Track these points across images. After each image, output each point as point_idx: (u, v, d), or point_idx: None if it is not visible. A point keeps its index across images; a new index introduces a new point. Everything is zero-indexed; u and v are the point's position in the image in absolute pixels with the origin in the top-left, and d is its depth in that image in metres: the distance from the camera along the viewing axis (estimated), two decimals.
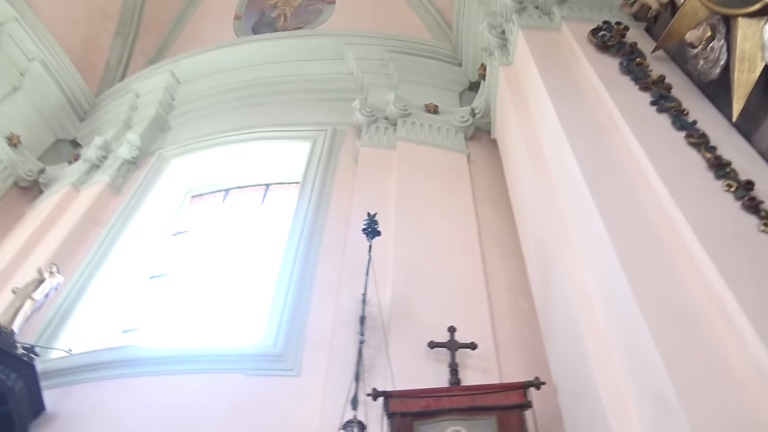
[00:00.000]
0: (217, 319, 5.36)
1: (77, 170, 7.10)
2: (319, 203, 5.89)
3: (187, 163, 7.22)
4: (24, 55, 7.74)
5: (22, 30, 7.69)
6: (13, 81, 7.67)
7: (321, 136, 6.83)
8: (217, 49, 8.02)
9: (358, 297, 4.40)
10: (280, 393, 4.17)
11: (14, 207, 7.02)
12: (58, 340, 5.00)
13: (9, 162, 7.15)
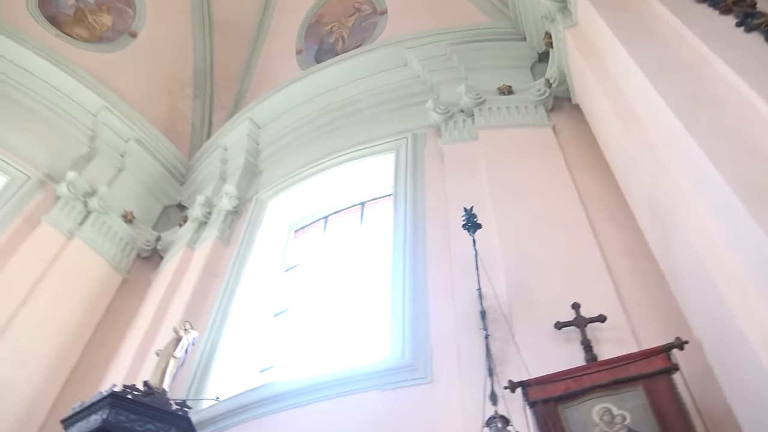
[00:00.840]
0: (343, 342, 5.50)
1: (188, 230, 7.54)
2: (415, 209, 5.92)
3: (284, 200, 7.49)
4: (120, 138, 8.37)
5: (113, 116, 8.35)
6: (116, 163, 8.31)
7: (403, 144, 6.88)
8: (286, 87, 8.29)
9: (474, 293, 4.37)
10: (417, 402, 4.21)
11: (141, 277, 7.56)
12: (205, 391, 5.30)
13: (129, 238, 7.72)
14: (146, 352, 5.77)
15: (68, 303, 6.61)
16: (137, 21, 9.48)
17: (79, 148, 8.14)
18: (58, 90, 8.18)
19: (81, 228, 7.26)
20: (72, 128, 8.20)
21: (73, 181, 7.45)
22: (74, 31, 9.02)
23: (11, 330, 5.97)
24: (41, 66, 8.10)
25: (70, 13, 9.05)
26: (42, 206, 7.24)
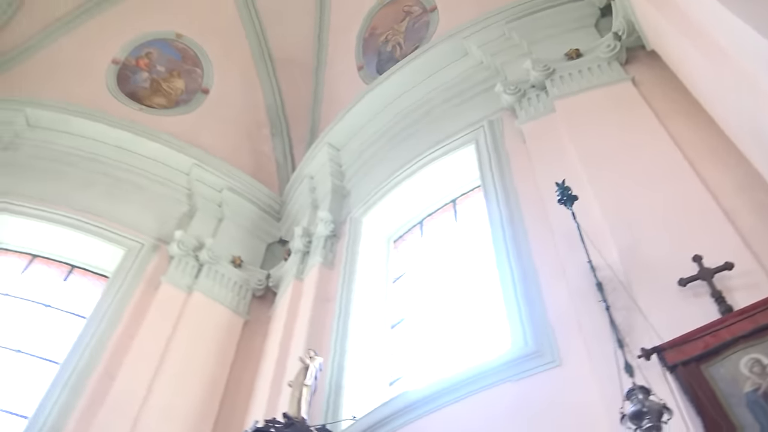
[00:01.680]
0: (464, 341, 5.48)
1: (293, 263, 7.79)
2: (507, 195, 5.83)
3: (377, 214, 7.59)
4: (214, 190, 8.82)
5: (204, 171, 8.84)
6: (216, 214, 8.75)
7: (480, 133, 6.81)
8: (356, 105, 8.41)
9: (585, 267, 4.23)
10: (551, 387, 4.12)
11: (261, 315, 7.89)
12: (341, 412, 5.44)
13: (242, 281, 8.08)
14: (279, 385, 6.00)
15: (200, 354, 6.99)
16: (206, 78, 9.98)
17: (180, 207, 8.66)
18: (151, 158, 8.77)
19: (197, 281, 7.68)
20: (170, 190, 8.74)
21: (181, 239, 7.92)
22: (154, 101, 9.63)
23: (155, 391, 6.38)
24: (131, 140, 8.72)
25: (146, 85, 9.68)
26: (159, 268, 7.74)
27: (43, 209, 7.85)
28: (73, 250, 7.97)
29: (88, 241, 7.96)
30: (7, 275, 7.58)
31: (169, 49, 10.02)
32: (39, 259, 7.89)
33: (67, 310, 7.42)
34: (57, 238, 7.90)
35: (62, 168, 8.39)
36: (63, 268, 7.92)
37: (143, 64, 9.84)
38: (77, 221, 7.94)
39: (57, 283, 7.73)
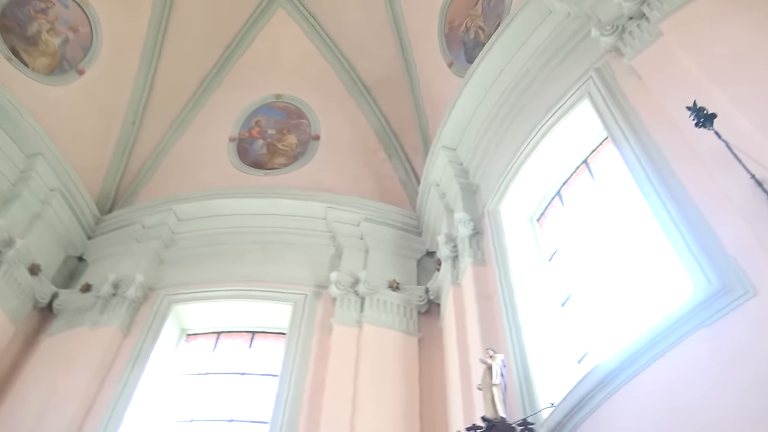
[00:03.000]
0: (641, 300, 5.20)
1: (446, 271, 7.73)
2: (639, 137, 5.51)
3: (511, 199, 7.45)
4: (352, 225, 9.08)
5: (338, 211, 9.16)
6: (361, 247, 8.96)
7: (590, 85, 6.48)
8: (457, 100, 8.26)
9: (749, 183, 3.87)
10: (751, 320, 3.77)
11: (432, 329, 7.90)
12: (538, 402, 5.34)
13: (404, 302, 8.13)
14: (470, 391, 6.00)
15: (388, 381, 7.17)
16: (313, 125, 10.50)
17: (328, 251, 9.04)
18: (289, 215, 9.27)
19: (363, 314, 7.93)
20: (314, 238, 9.17)
21: (337, 280, 8.25)
22: (275, 162, 10.25)
23: (358, 425, 6.62)
24: (266, 205, 9.30)
25: (264, 151, 10.34)
26: (327, 312, 8.11)
27: (212, 289, 8.56)
28: (249, 318, 8.59)
29: (259, 305, 8.54)
30: (201, 357, 8.34)
31: (273, 111, 10.66)
32: (224, 334, 8.59)
33: (260, 373, 8.00)
34: (232, 310, 8.56)
35: (216, 248, 9.12)
36: (245, 336, 8.56)
37: (256, 133, 10.52)
38: (244, 291, 8.55)
39: (244, 351, 8.36)
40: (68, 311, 8.45)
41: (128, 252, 9.03)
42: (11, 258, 7.98)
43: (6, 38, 9.08)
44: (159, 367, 7.90)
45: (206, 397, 7.79)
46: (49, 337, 8.20)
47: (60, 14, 9.57)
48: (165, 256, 9.15)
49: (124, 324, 8.07)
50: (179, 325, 8.58)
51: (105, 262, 9.10)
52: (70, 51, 9.72)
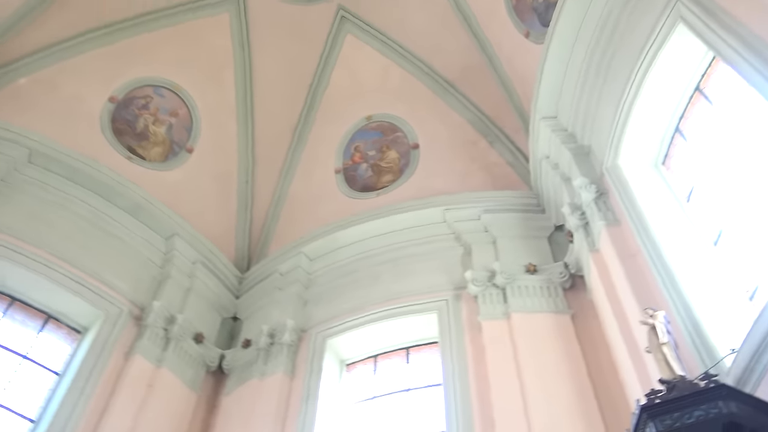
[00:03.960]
0: None
1: (580, 240, 7.45)
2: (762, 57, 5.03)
3: (629, 146, 7.12)
4: (473, 221, 8.98)
5: (455, 211, 9.13)
6: (488, 239, 8.82)
7: (679, 8, 6.03)
8: (544, 66, 7.87)
9: None
10: None
11: (582, 304, 7.67)
12: (716, 351, 4.99)
13: (547, 282, 7.91)
14: (639, 356, 5.71)
15: (551, 366, 6.92)
16: (410, 135, 10.75)
17: (457, 251, 9.01)
18: (411, 227, 9.42)
19: (508, 304, 7.78)
20: (440, 243, 9.21)
21: (474, 277, 8.16)
22: (384, 181, 10.58)
23: (534, 417, 6.52)
24: (387, 224, 9.56)
25: (370, 173, 10.76)
26: (472, 312, 8.06)
27: (358, 316, 8.77)
28: (400, 335, 8.71)
29: (405, 321, 8.62)
30: (363, 382, 8.61)
31: (368, 133, 10.91)
32: (380, 356, 8.78)
33: (423, 386, 8.06)
34: (382, 331, 8.72)
35: (351, 276, 9.40)
36: (401, 353, 8.70)
37: (358, 158, 10.80)
38: (388, 310, 8.69)
39: (403, 368, 8.50)
40: (237, 368, 9.03)
41: (274, 301, 9.51)
42: (177, 333, 8.69)
43: (121, 141, 10.03)
44: (329, 400, 8.22)
45: (377, 420, 7.98)
46: (227, 396, 8.80)
47: (159, 105, 10.43)
48: (307, 297, 9.55)
49: (287, 369, 8.48)
50: (337, 357, 8.89)
51: (256, 315, 9.65)
52: (176, 134, 10.57)
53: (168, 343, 8.65)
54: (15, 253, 8.12)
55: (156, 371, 8.28)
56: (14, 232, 8.25)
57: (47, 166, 8.94)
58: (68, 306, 8.46)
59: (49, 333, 8.33)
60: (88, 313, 8.50)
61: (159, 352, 8.51)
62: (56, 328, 8.43)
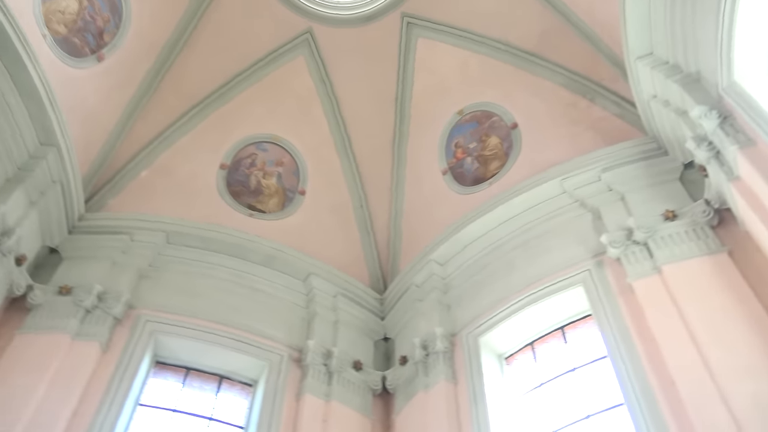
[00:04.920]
0: None
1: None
2: None
3: None
4: (591, 183, 8.66)
5: (574, 177, 8.80)
6: (613, 198, 8.50)
7: None
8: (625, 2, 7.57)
9: None
10: None
11: (737, 236, 7.11)
12: None
13: None
14: None
15: (718, 308, 6.45)
16: (506, 117, 10.43)
17: (585, 218, 8.64)
18: (529, 208, 9.20)
19: (655, 258, 7.36)
20: (566, 215, 8.89)
21: (612, 239, 7.80)
22: (492, 169, 10.35)
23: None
24: (503, 211, 9.36)
25: (477, 165, 10.58)
26: (619, 275, 7.69)
27: (504, 308, 8.66)
28: (552, 316, 8.46)
29: (552, 301, 8.33)
30: (526, 372, 8.44)
31: (464, 127, 10.89)
32: (536, 342, 8.59)
33: (588, 361, 7.79)
34: (532, 317, 8.51)
35: (486, 270, 9.33)
36: (556, 335, 8.46)
37: (461, 154, 10.84)
38: (532, 294, 8.46)
39: (562, 349, 8.26)
40: (401, 386, 9.17)
41: (418, 314, 9.61)
42: (336, 366, 9.01)
43: (240, 201, 10.70)
44: (496, 397, 8.14)
45: (548, 407, 7.81)
46: (398, 415, 8.95)
47: (264, 158, 11.06)
48: (448, 301, 9.56)
49: (448, 375, 8.48)
50: (494, 353, 8.79)
51: (405, 331, 9.79)
52: (286, 181, 11.13)
53: (331, 377, 8.97)
54: (179, 327, 8.81)
55: (327, 405, 8.61)
56: (172, 308, 8.97)
57: (183, 242, 9.67)
58: (236, 364, 8.98)
59: (226, 392, 8.89)
60: (255, 366, 8.99)
61: (325, 387, 8.84)
62: (230, 386, 8.97)
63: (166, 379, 8.72)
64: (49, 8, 8.46)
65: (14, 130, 8.01)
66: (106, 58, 9.49)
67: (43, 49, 8.31)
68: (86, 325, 8.19)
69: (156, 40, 10.27)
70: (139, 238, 9.33)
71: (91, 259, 9.02)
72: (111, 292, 8.57)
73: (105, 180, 10.20)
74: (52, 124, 8.31)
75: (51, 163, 8.45)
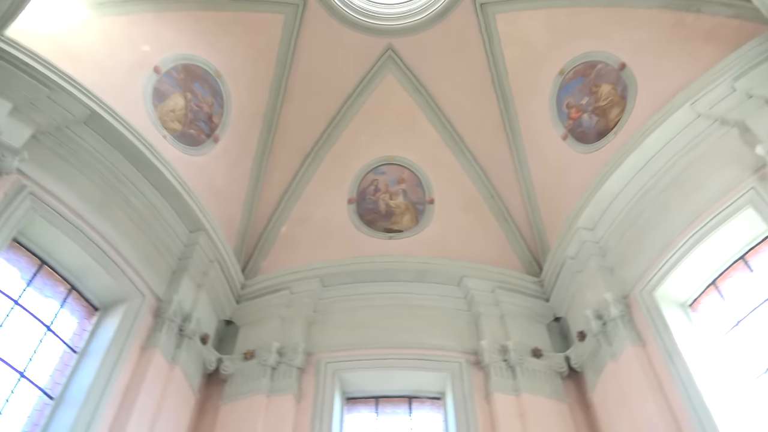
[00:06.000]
0: None
1: None
2: None
3: None
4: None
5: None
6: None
7: None
8: None
9: None
10: None
11: None
12: None
13: None
14: None
15: None
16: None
17: None
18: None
19: None
20: None
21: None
22: (612, 118, 9.72)
23: None
24: None
25: (595, 119, 9.94)
26: None
27: (674, 251, 8.12)
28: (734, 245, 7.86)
29: (723, 231, 7.77)
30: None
31: (570, 86, 10.36)
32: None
33: None
34: (716, 251, 7.95)
35: (641, 219, 8.87)
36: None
37: (575, 114, 10.33)
38: (700, 231, 7.92)
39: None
40: (587, 361, 8.95)
41: (582, 285, 9.32)
42: (516, 358, 8.97)
43: (376, 228, 11.07)
44: (695, 349, 7.63)
45: (750, 348, 7.25)
46: (593, 392, 8.66)
47: (386, 181, 11.38)
48: (611, 264, 9.13)
49: (634, 340, 8.11)
50: (676, 302, 8.33)
51: (575, 306, 9.47)
52: (413, 195, 11.43)
53: (513, 370, 8.91)
54: (356, 362, 9.28)
55: (518, 400, 8.53)
56: (345, 345, 9.45)
57: (337, 281, 10.16)
58: (419, 381, 9.26)
59: (418, 410, 9.21)
60: (438, 379, 9.23)
61: (511, 382, 8.78)
62: (420, 404, 9.29)
63: (359, 413, 9.11)
64: (162, 111, 9.35)
65: (165, 227, 8.94)
66: (220, 137, 10.28)
67: (167, 148, 9.21)
68: (276, 381, 8.83)
69: (257, 107, 10.93)
70: (297, 290, 9.92)
71: (262, 321, 9.74)
72: (288, 345, 9.18)
73: (252, 246, 10.97)
74: (194, 211, 9.19)
75: (204, 246, 9.33)
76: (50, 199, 7.56)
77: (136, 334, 7.89)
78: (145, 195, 8.72)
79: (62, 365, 7.46)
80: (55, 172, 7.74)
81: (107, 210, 8.28)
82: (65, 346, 7.61)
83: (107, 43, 8.75)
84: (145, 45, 9.22)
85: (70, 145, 7.97)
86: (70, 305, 7.93)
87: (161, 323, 8.28)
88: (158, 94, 9.34)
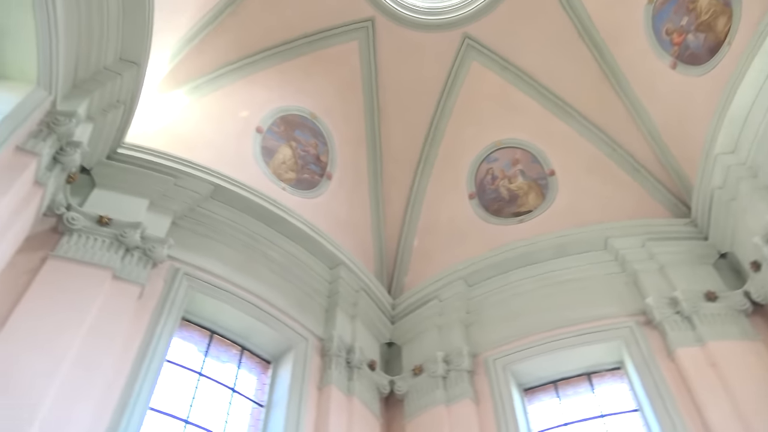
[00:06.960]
0: None
1: None
2: None
3: None
4: None
5: None
6: None
7: None
8: None
9: None
10: None
11: None
12: None
13: None
14: None
15: None
16: None
17: None
18: None
19: None
20: None
21: None
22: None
23: None
24: None
25: None
26: None
27: None
28: None
29: None
30: None
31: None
32: None
33: None
34: None
35: None
36: None
37: None
38: None
39: None
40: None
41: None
42: None
43: (505, 215, 10.91)
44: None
45: None
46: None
47: (500, 167, 11.27)
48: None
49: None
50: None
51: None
52: (532, 173, 11.09)
53: (691, 320, 8.23)
54: (525, 351, 9.02)
55: (704, 350, 7.86)
56: (507, 338, 9.18)
57: (481, 278, 10.04)
58: (599, 354, 8.87)
59: (600, 385, 8.81)
60: (615, 350, 8.77)
61: (692, 333, 8.09)
62: (600, 378, 8.88)
63: (541, 401, 8.93)
64: (274, 166, 9.91)
65: (307, 270, 9.49)
66: (333, 173, 10.66)
67: (288, 197, 9.73)
68: (450, 389, 8.91)
69: (358, 134, 11.27)
70: (445, 296, 9.98)
71: (421, 335, 9.92)
72: (451, 351, 9.28)
73: (391, 265, 11.21)
74: (328, 248, 9.73)
75: (347, 278, 9.74)
76: (201, 273, 8.12)
77: (310, 376, 8.26)
78: (281, 246, 9.16)
79: (254, 421, 7.91)
80: (199, 248, 8.35)
81: (251, 269, 8.73)
82: (252, 403, 8.08)
83: (211, 120, 9.48)
84: (243, 111, 9.87)
85: (205, 221, 8.61)
86: (246, 364, 8.41)
87: (329, 360, 8.66)
88: (266, 151, 9.93)
